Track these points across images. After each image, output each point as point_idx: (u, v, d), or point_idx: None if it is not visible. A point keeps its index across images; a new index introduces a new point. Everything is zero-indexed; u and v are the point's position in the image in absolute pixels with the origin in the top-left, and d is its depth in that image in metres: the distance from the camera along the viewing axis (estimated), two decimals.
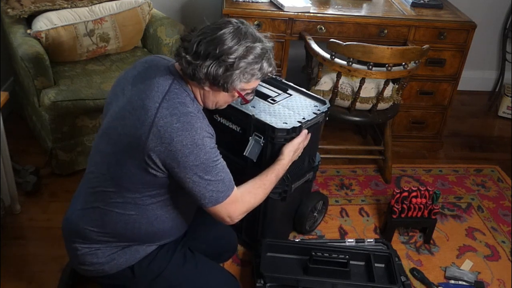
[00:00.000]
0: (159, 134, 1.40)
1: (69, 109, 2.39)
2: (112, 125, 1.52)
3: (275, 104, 2.04)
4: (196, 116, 1.45)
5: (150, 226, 1.58)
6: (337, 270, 2.00)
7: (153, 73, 1.51)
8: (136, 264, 1.62)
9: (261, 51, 1.45)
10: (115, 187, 1.52)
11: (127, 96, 1.51)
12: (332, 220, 2.48)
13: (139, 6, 2.78)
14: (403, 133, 3.06)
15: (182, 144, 1.40)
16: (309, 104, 2.09)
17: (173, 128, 1.40)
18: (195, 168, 1.43)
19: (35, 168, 2.47)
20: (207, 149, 1.44)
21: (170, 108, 1.42)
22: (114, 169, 1.50)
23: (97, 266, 1.61)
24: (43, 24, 2.50)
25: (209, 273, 1.72)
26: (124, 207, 1.54)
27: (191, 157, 1.42)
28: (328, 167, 2.84)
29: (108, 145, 1.52)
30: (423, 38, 2.73)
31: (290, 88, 2.18)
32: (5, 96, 2.01)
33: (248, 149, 1.92)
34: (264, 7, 2.67)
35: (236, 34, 1.42)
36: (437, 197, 2.34)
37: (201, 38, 1.43)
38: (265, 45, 1.47)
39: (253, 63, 1.44)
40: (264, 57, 1.46)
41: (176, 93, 1.46)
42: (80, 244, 1.60)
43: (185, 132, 1.41)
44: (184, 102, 1.45)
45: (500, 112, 3.64)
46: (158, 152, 1.42)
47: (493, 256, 2.37)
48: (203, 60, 1.41)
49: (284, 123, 1.90)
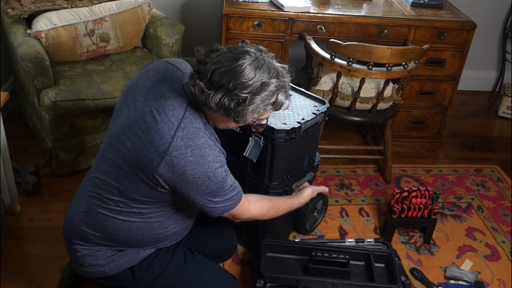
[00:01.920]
0: (172, 163, 1.41)
1: (69, 109, 2.38)
2: (122, 138, 1.49)
3: None
4: (209, 146, 1.45)
5: (152, 232, 1.59)
6: (337, 270, 1.99)
7: (167, 90, 1.47)
8: (137, 266, 1.62)
9: (276, 88, 1.40)
10: (121, 197, 1.52)
11: (139, 110, 1.48)
12: (332, 220, 2.48)
13: (139, 6, 2.78)
14: (403, 133, 3.06)
15: (195, 177, 1.43)
16: (308, 105, 2.09)
17: (187, 161, 1.41)
18: (205, 195, 1.48)
19: (35, 168, 2.47)
20: (218, 180, 1.47)
21: (185, 139, 1.42)
22: (121, 180, 1.50)
23: (97, 268, 1.61)
24: (43, 24, 2.50)
25: (210, 273, 1.73)
26: (129, 215, 1.54)
27: (201, 188, 1.45)
28: (328, 167, 2.84)
29: (117, 156, 1.50)
30: (423, 38, 2.73)
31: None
32: (5, 96, 2.01)
33: (248, 150, 1.93)
34: (264, 7, 2.67)
35: (252, 68, 1.36)
36: (437, 197, 2.34)
37: (216, 68, 1.36)
38: (282, 80, 1.41)
39: (267, 99, 1.40)
40: (280, 92, 1.42)
41: (191, 119, 1.45)
42: (80, 246, 1.60)
43: (198, 166, 1.42)
44: (198, 131, 1.45)
45: (500, 112, 3.64)
46: (168, 178, 1.43)
47: (493, 256, 2.37)
48: (216, 90, 1.36)
49: (283, 124, 1.90)
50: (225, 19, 2.61)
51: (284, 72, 1.44)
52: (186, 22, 3.25)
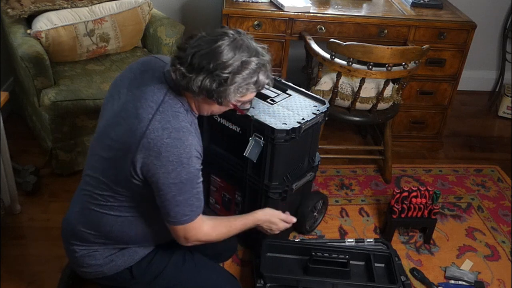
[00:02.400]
0: (148, 146, 1.39)
1: (69, 109, 2.38)
2: (106, 130, 1.51)
3: (275, 105, 2.04)
4: (188, 131, 1.43)
5: (146, 227, 1.58)
6: (337, 270, 2.00)
7: (149, 79, 1.49)
8: (135, 265, 1.62)
9: (256, 66, 1.41)
10: (110, 191, 1.52)
11: (122, 101, 1.50)
12: (332, 220, 2.48)
13: (139, 6, 2.78)
14: (403, 133, 3.06)
15: (168, 160, 1.39)
16: (309, 105, 2.09)
17: (163, 143, 1.39)
18: (173, 186, 1.42)
19: (35, 168, 2.47)
20: (190, 169, 1.43)
21: (162, 122, 1.41)
22: (109, 174, 1.50)
23: (96, 268, 1.61)
24: (43, 24, 2.50)
25: (209, 273, 1.72)
26: (120, 210, 1.54)
27: (172, 174, 1.41)
28: (328, 167, 2.84)
29: (103, 150, 1.51)
30: (423, 38, 2.73)
31: (289, 88, 2.17)
32: (5, 96, 2.01)
33: (248, 150, 1.92)
34: (264, 7, 2.67)
35: (231, 47, 1.38)
36: (437, 197, 2.34)
37: (196, 51, 1.38)
38: (262, 59, 1.43)
39: (248, 78, 1.41)
40: (260, 71, 1.43)
41: (170, 104, 1.44)
42: (78, 246, 1.60)
43: (173, 149, 1.39)
44: (178, 115, 1.44)
45: (500, 112, 3.64)
46: (142, 163, 1.41)
47: (493, 256, 2.37)
48: (197, 73, 1.38)
49: (283, 124, 1.90)
50: (225, 19, 2.61)
51: (264, 51, 1.45)
52: (186, 22, 3.25)
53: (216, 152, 2.13)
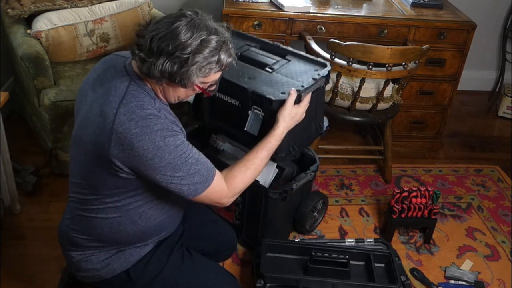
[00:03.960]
0: (119, 141, 1.37)
1: (69, 109, 2.38)
2: (77, 134, 1.50)
3: (273, 73, 1.93)
4: (156, 117, 1.40)
5: (135, 225, 1.56)
6: (337, 270, 2.00)
7: (111, 75, 1.47)
8: (131, 268, 1.61)
9: (216, 44, 1.38)
10: (93, 194, 1.51)
11: (88, 103, 1.48)
12: (332, 220, 2.48)
13: (139, 6, 2.78)
14: (403, 133, 3.06)
15: (144, 149, 1.37)
16: (309, 69, 1.97)
17: (132, 134, 1.36)
18: (163, 169, 1.40)
19: (35, 168, 2.47)
20: (171, 149, 1.39)
21: (127, 113, 1.38)
22: (88, 177, 1.49)
23: (93, 272, 1.60)
24: (43, 24, 2.50)
25: (208, 273, 1.71)
26: (106, 211, 1.52)
27: (155, 160, 1.38)
28: (328, 167, 2.84)
29: (79, 154, 1.50)
30: (423, 38, 2.73)
31: (289, 54, 2.06)
32: (5, 96, 2.01)
33: (249, 124, 1.85)
34: (264, 7, 2.67)
35: (189, 27, 1.35)
36: (437, 197, 2.34)
37: (154, 34, 1.36)
38: (222, 36, 1.40)
39: (209, 57, 1.38)
40: (222, 49, 1.40)
41: (134, 95, 1.42)
42: (73, 252, 1.60)
43: (144, 137, 1.36)
44: (142, 104, 1.41)
45: (500, 112, 3.64)
46: (122, 158, 1.39)
47: (493, 256, 2.37)
48: (157, 57, 1.35)
49: (282, 93, 1.78)
50: (225, 19, 2.61)
51: (223, 30, 1.43)
52: None
53: (219, 127, 2.06)
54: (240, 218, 2.18)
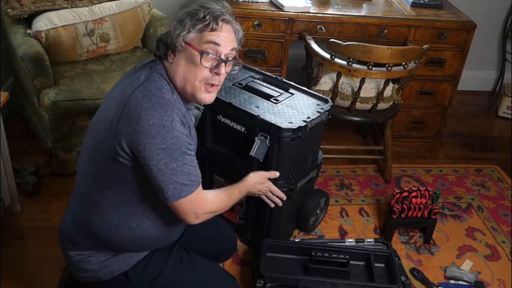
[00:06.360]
0: (128, 113, 1.38)
1: (69, 109, 2.38)
2: (96, 117, 1.55)
3: (278, 104, 2.05)
4: (169, 102, 1.42)
5: (132, 233, 1.55)
6: (337, 270, 2.00)
7: (138, 69, 1.54)
8: (130, 270, 1.61)
9: (205, 3, 1.50)
10: (94, 184, 1.51)
11: (114, 90, 1.55)
12: (332, 220, 2.48)
13: (139, 6, 2.78)
14: (403, 133, 3.06)
15: (149, 124, 1.36)
16: (312, 103, 2.10)
17: (142, 107, 1.37)
18: (161, 153, 1.38)
19: (35, 168, 2.47)
20: (175, 133, 1.39)
21: (144, 91, 1.42)
22: (93, 163, 1.50)
23: (91, 273, 1.60)
24: (43, 24, 2.50)
25: (207, 274, 1.71)
26: (105, 212, 1.52)
27: (157, 139, 1.37)
28: (328, 167, 2.84)
29: (90, 139, 1.53)
30: (423, 38, 2.73)
31: (291, 87, 2.18)
32: (5, 96, 2.01)
33: (254, 149, 1.93)
34: (264, 7, 2.67)
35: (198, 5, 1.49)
36: (437, 197, 2.34)
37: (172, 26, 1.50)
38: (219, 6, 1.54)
39: (195, 11, 1.47)
40: (207, 8, 1.50)
41: (155, 80, 1.46)
42: (73, 251, 1.60)
43: (153, 112, 1.37)
44: (160, 89, 1.44)
45: (500, 112, 3.64)
46: (125, 133, 1.39)
47: (493, 256, 2.37)
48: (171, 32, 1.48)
49: (289, 123, 1.91)
50: None
51: None
52: None
53: (220, 152, 2.13)
54: (244, 218, 2.20)
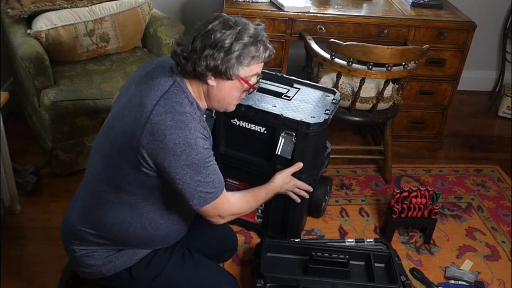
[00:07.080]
0: (152, 130, 1.40)
1: (69, 109, 2.39)
2: (111, 124, 1.53)
3: (292, 100, 2.08)
4: (191, 117, 1.45)
5: (144, 230, 1.57)
6: (337, 270, 1.99)
7: (157, 73, 1.52)
8: (134, 266, 1.62)
9: (254, 31, 1.46)
10: (110, 187, 1.52)
11: (128, 95, 1.52)
12: (332, 220, 2.48)
13: (139, 6, 2.78)
14: (403, 133, 3.06)
15: (175, 143, 1.40)
16: (321, 95, 2.15)
17: (167, 125, 1.40)
18: (186, 168, 1.43)
19: (35, 168, 2.47)
20: (199, 149, 1.43)
21: (166, 106, 1.42)
22: (110, 167, 1.50)
23: (95, 269, 1.61)
24: (43, 24, 2.50)
25: (208, 273, 1.72)
26: (118, 210, 1.53)
27: (182, 156, 1.41)
28: (328, 167, 2.83)
29: (107, 144, 1.52)
30: (423, 38, 2.73)
31: (295, 82, 2.21)
32: (5, 96, 2.01)
33: (280, 148, 1.94)
34: (264, 7, 2.67)
35: (226, 23, 1.44)
36: (437, 197, 2.34)
37: (195, 35, 1.45)
38: (258, 27, 1.49)
39: (249, 45, 1.44)
40: (259, 40, 1.47)
41: (175, 93, 1.46)
42: (77, 246, 1.61)
43: (178, 131, 1.40)
44: (182, 103, 1.45)
45: (500, 112, 3.64)
46: (150, 149, 1.41)
47: (493, 256, 2.37)
48: (201, 52, 1.42)
49: (312, 117, 1.96)
50: None
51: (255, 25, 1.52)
52: (186, 22, 3.24)
53: (234, 155, 2.13)
54: (263, 217, 2.24)
